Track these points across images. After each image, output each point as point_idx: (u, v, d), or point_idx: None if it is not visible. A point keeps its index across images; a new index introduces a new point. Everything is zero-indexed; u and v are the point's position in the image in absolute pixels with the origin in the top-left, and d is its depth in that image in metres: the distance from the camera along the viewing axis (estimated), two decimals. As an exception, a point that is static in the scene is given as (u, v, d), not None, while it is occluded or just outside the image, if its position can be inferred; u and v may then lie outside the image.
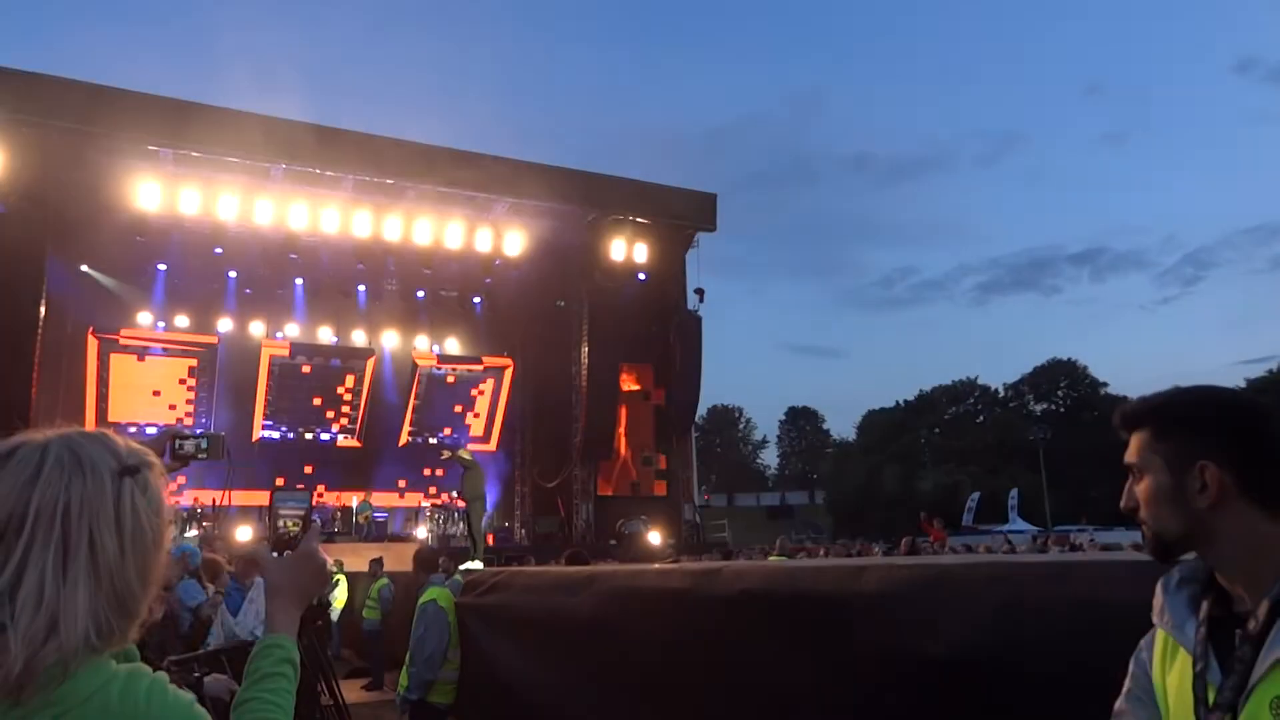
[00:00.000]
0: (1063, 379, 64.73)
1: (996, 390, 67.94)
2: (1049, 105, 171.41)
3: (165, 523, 1.22)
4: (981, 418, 66.03)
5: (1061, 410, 62.47)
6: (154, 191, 19.62)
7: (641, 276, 24.21)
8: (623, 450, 23.79)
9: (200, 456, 2.00)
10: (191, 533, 19.10)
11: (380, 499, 23.65)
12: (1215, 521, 1.28)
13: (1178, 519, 1.31)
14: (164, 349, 22.29)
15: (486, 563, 14.15)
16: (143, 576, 1.16)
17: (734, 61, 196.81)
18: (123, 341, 21.81)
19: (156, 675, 1.16)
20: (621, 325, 23.24)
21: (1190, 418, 1.34)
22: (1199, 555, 1.34)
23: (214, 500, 19.73)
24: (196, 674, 3.75)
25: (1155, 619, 1.39)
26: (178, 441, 1.97)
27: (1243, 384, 48.32)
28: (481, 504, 13.91)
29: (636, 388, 24.24)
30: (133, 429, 21.39)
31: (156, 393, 22.17)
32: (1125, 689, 1.45)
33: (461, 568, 7.10)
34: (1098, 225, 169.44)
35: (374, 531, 21.34)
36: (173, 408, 22.34)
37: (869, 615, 2.62)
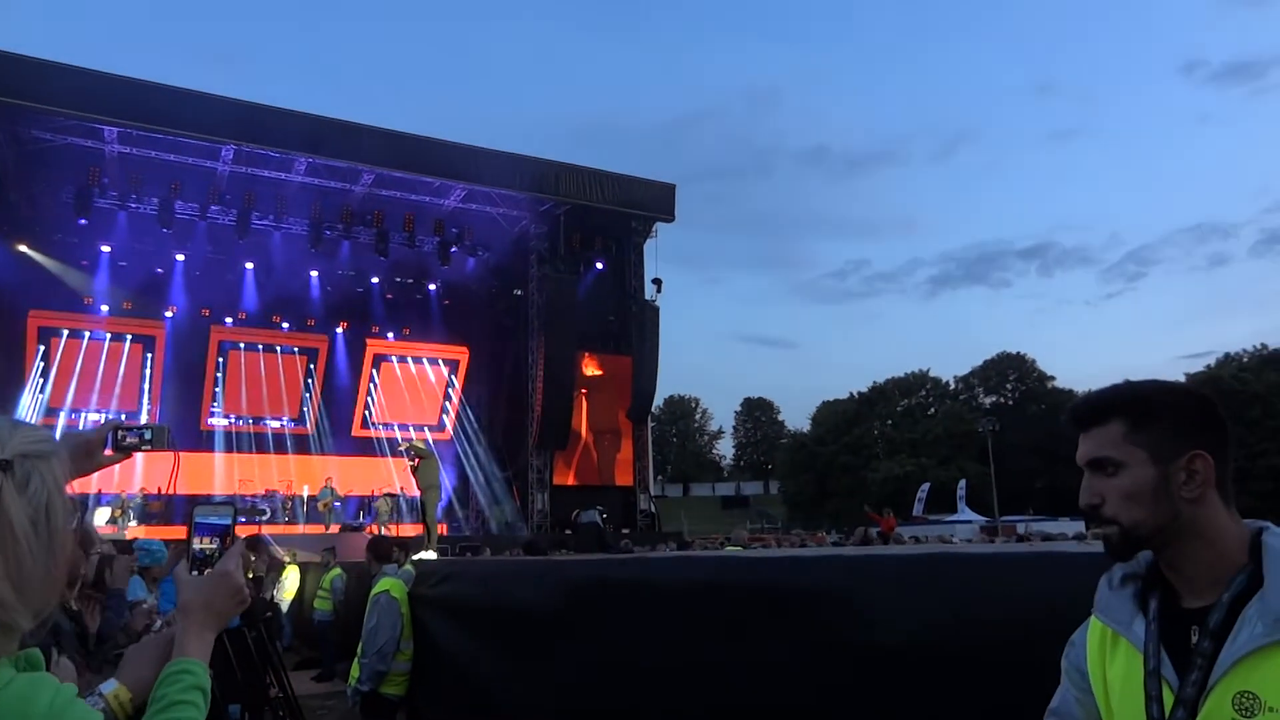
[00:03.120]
0: (1011, 372, 66.07)
1: (947, 383, 69.15)
2: (1000, 103, 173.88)
3: (56, 524, 1.08)
4: (933, 410, 67.12)
5: (1010, 403, 63.76)
6: (99, 171, 19.05)
7: (599, 265, 24.17)
8: (579, 439, 23.77)
9: (144, 449, 1.93)
10: (134, 521, 18.69)
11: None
12: (1194, 514, 1.28)
13: (1158, 512, 1.29)
14: (108, 334, 21.71)
15: (440, 553, 14.03)
16: (17, 584, 1.01)
17: (691, 53, 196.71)
18: (65, 325, 21.20)
19: (63, 686, 1.05)
20: (578, 314, 23.18)
21: (1175, 409, 1.33)
22: (1160, 551, 1.33)
23: (159, 489, 19.35)
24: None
25: (1099, 615, 1.39)
26: (120, 433, 1.89)
27: (1183, 379, 49.78)
28: (436, 493, 13.72)
29: (598, 374, 24.23)
30: (74, 414, 20.86)
31: (99, 378, 21.59)
32: (1060, 688, 1.45)
33: (414, 558, 7.03)
34: (1046, 221, 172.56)
35: (335, 518, 20.98)
36: (117, 394, 21.79)
37: (819, 605, 2.65)
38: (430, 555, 10.74)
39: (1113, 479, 1.33)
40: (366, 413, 25.00)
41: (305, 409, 24.26)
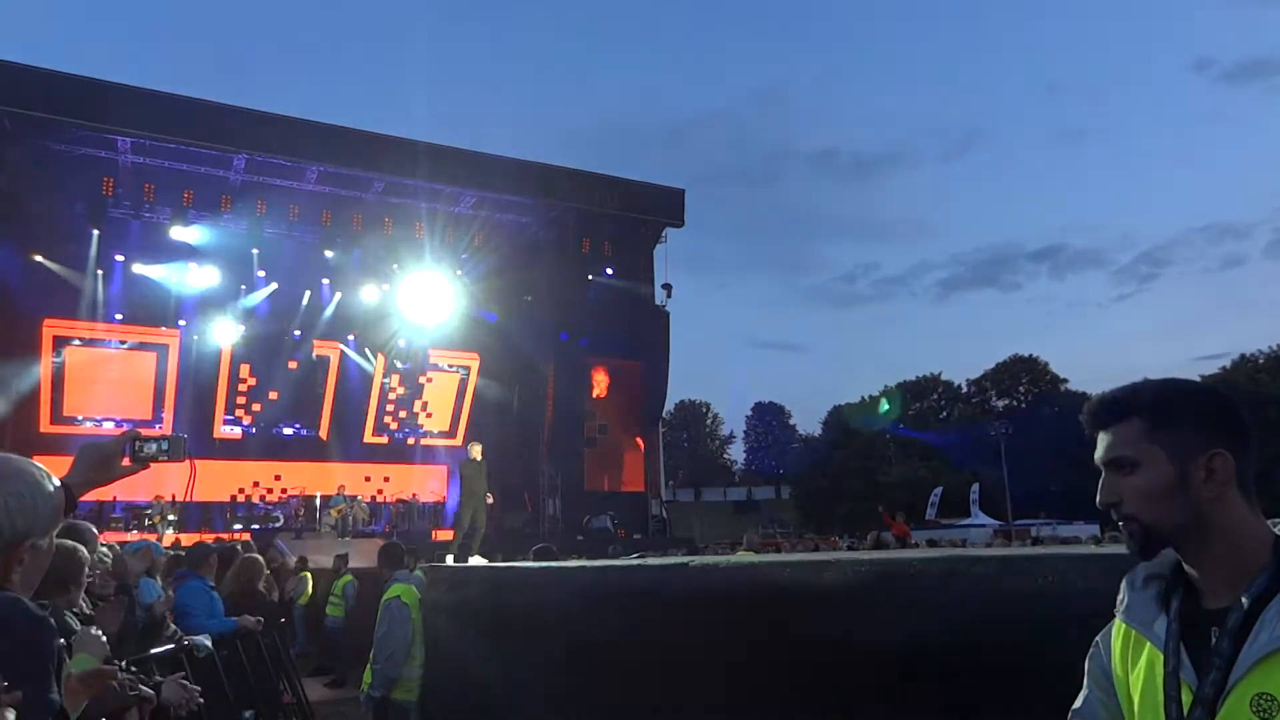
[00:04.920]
0: (1024, 375, 65.72)
1: (959, 386, 68.85)
2: (1010, 102, 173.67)
3: None
4: (945, 413, 66.81)
5: (1023, 406, 63.41)
6: (111, 181, 19.21)
7: (609, 271, 24.19)
8: (590, 445, 23.77)
9: (161, 459, 1.95)
10: (170, 530, 18.75)
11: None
12: (1214, 513, 1.28)
13: (1178, 511, 1.29)
14: (121, 341, 21.85)
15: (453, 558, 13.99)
16: None
17: (699, 56, 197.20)
18: (78, 333, 21.35)
19: None
20: (589, 320, 23.21)
21: (1196, 408, 1.32)
22: (1182, 550, 1.33)
23: (173, 496, 19.46)
24: (158, 677, 3.66)
25: (1121, 616, 1.38)
26: (137, 443, 1.91)
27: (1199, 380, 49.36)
28: (478, 499, 13.44)
29: (605, 383, 24.23)
30: (89, 423, 20.99)
31: (113, 386, 21.72)
32: (1084, 688, 1.45)
33: (472, 561, 7.04)
34: (1056, 222, 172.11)
35: (349, 527, 20.94)
36: (130, 402, 21.91)
37: (832, 609, 2.64)
38: (479, 560, 10.71)
39: (1130, 478, 1.32)
40: (379, 419, 25.06)
41: (318, 416, 24.34)
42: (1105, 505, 1.36)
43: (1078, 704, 1.46)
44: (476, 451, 13.29)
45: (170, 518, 19.16)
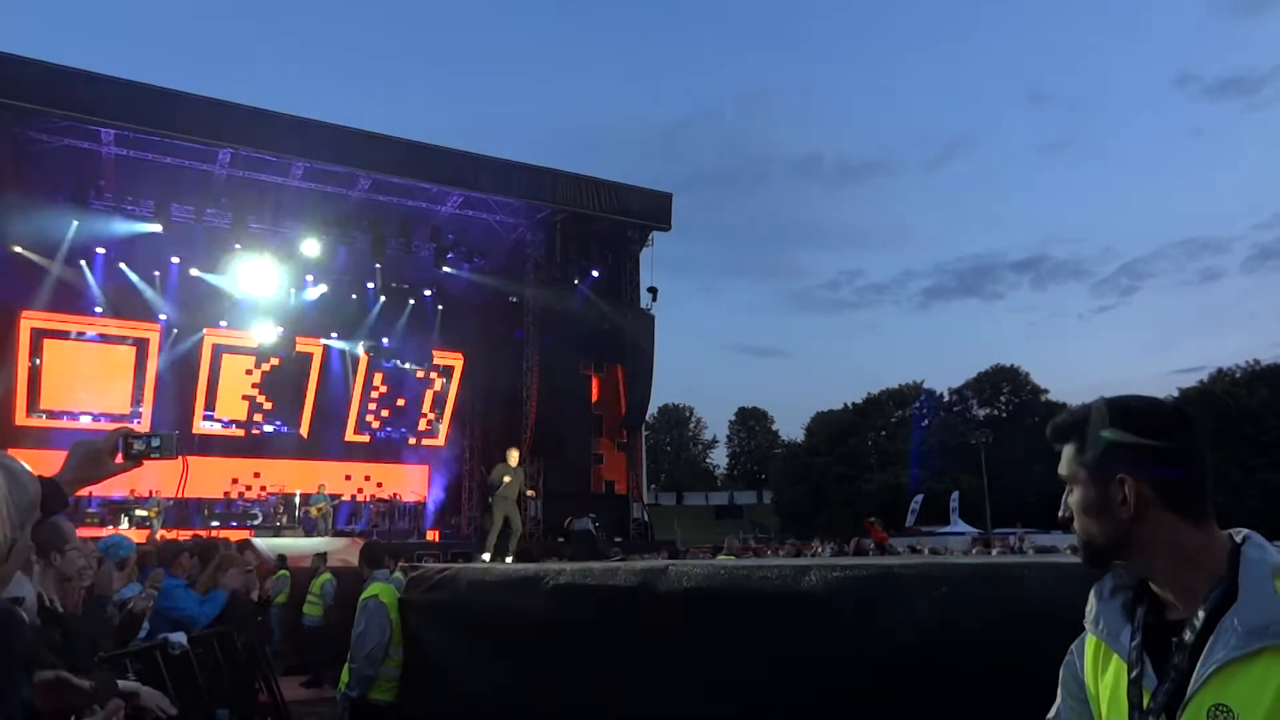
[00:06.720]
0: (1005, 385, 66.26)
1: (941, 394, 69.30)
2: (994, 112, 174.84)
3: None
4: (926, 421, 67.19)
5: (1004, 415, 63.90)
6: (94, 172, 19.00)
7: (595, 274, 24.18)
8: (573, 447, 23.72)
9: (153, 456, 1.94)
10: (124, 525, 18.60)
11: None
12: (1140, 532, 1.30)
13: (1104, 530, 1.33)
14: (101, 335, 21.63)
15: (434, 558, 13.93)
16: None
17: (684, 60, 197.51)
18: (57, 326, 21.12)
19: None
20: (573, 322, 23.17)
21: (1111, 433, 1.34)
22: (1128, 564, 1.36)
23: (152, 492, 19.31)
24: (129, 673, 3.61)
25: (1089, 626, 1.40)
26: (129, 441, 1.90)
27: (1175, 394, 49.98)
28: (511, 503, 13.15)
29: (588, 385, 24.19)
30: (66, 417, 20.77)
31: (92, 380, 21.49)
32: (1058, 697, 1.47)
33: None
34: (1039, 233, 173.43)
35: (327, 523, 20.74)
36: (109, 396, 21.70)
37: (812, 614, 2.65)
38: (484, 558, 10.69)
39: (1072, 496, 1.40)
40: (360, 418, 24.93)
41: (299, 414, 24.18)
42: (1061, 519, 1.43)
43: (1051, 713, 1.48)
44: (514, 458, 13.18)
45: (164, 514, 19.11)
